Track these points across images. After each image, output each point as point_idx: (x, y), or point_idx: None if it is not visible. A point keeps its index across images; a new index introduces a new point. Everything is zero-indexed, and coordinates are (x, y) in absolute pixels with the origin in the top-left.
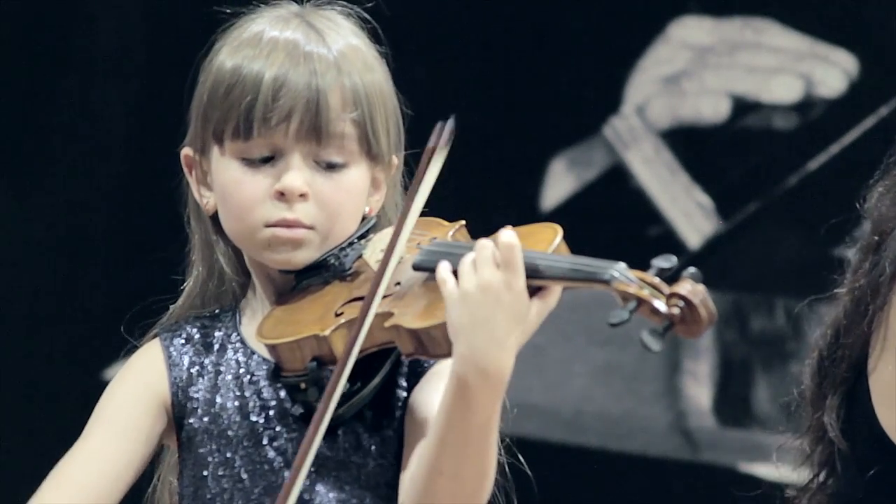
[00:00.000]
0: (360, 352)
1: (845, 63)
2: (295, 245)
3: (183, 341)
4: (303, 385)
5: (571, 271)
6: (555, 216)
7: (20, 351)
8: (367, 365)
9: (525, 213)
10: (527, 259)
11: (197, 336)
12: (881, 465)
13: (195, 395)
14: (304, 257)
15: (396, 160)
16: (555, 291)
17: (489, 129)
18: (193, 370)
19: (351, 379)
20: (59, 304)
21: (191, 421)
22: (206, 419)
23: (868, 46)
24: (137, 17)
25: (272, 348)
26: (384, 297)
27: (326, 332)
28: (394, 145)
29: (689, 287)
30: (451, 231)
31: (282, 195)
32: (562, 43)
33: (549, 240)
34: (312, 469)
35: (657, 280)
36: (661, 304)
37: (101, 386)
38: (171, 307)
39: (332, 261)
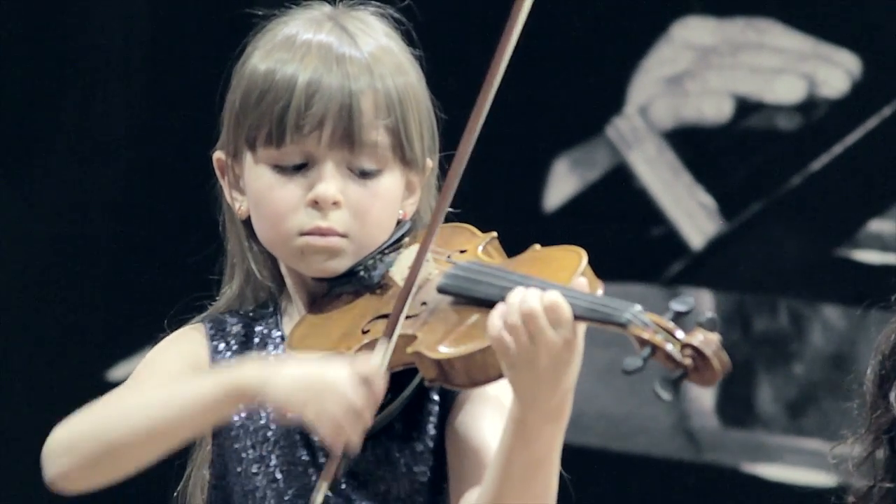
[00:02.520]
0: (388, 369)
1: (848, 63)
2: (329, 253)
3: (224, 333)
4: None
5: (588, 311)
6: (557, 216)
7: (24, 351)
8: (396, 376)
9: (528, 213)
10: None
11: (237, 329)
12: None
13: None
14: (338, 265)
15: (431, 163)
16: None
17: (492, 129)
18: (233, 362)
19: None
20: (63, 304)
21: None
22: (243, 414)
23: (871, 47)
24: (142, 18)
25: None
26: (410, 317)
27: (352, 351)
28: (428, 149)
29: (702, 337)
30: (481, 245)
31: (315, 203)
32: (564, 43)
33: (572, 268)
34: (342, 481)
35: (672, 325)
36: (675, 353)
37: (106, 386)
38: (210, 307)
39: (362, 272)
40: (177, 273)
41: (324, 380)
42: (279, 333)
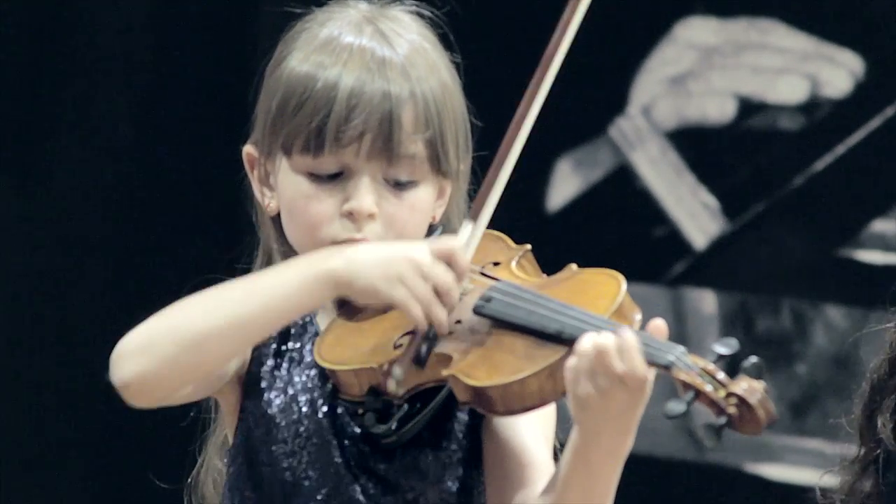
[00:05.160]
0: (418, 385)
1: (851, 64)
2: None
3: None
4: (360, 410)
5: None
6: (561, 217)
7: (27, 350)
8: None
9: (531, 213)
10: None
11: None
12: None
13: (269, 377)
14: None
15: (463, 166)
16: None
17: (495, 129)
18: (271, 348)
19: (409, 401)
20: (67, 304)
21: (261, 402)
22: (275, 403)
23: (874, 47)
24: (143, 18)
25: (331, 373)
26: (445, 335)
27: (385, 368)
28: (461, 154)
29: (746, 386)
30: (514, 259)
31: (350, 215)
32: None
33: (611, 295)
34: (370, 487)
35: (715, 369)
36: (721, 399)
37: (109, 387)
38: None
39: None
40: (181, 272)
41: (408, 256)
42: (314, 326)
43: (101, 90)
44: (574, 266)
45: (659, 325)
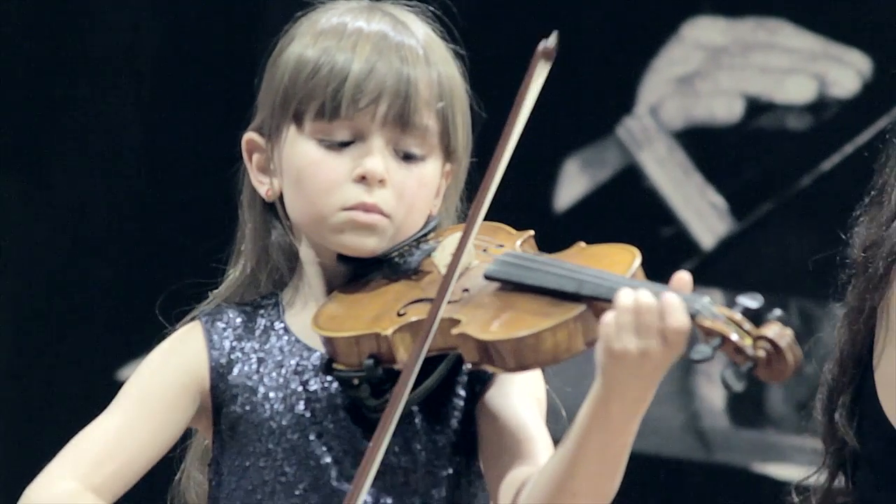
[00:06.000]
0: (427, 353)
1: (859, 63)
2: (370, 230)
3: (224, 325)
4: (356, 381)
5: None
6: (568, 216)
7: (34, 351)
8: (422, 366)
9: (538, 213)
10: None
11: (238, 321)
12: (893, 462)
13: (236, 382)
14: (374, 244)
15: (464, 157)
16: None
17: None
18: (234, 355)
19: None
20: (74, 304)
21: (232, 408)
22: (247, 407)
23: (882, 47)
24: (150, 18)
25: (328, 340)
26: (451, 302)
27: (389, 332)
28: (465, 143)
29: (778, 330)
30: (519, 240)
31: (363, 179)
32: (575, 43)
33: (626, 263)
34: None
35: (741, 318)
36: (748, 346)
37: (116, 386)
38: (211, 294)
39: (396, 258)
40: (190, 272)
41: None
42: (282, 325)
43: (108, 90)
44: (583, 243)
45: (683, 276)
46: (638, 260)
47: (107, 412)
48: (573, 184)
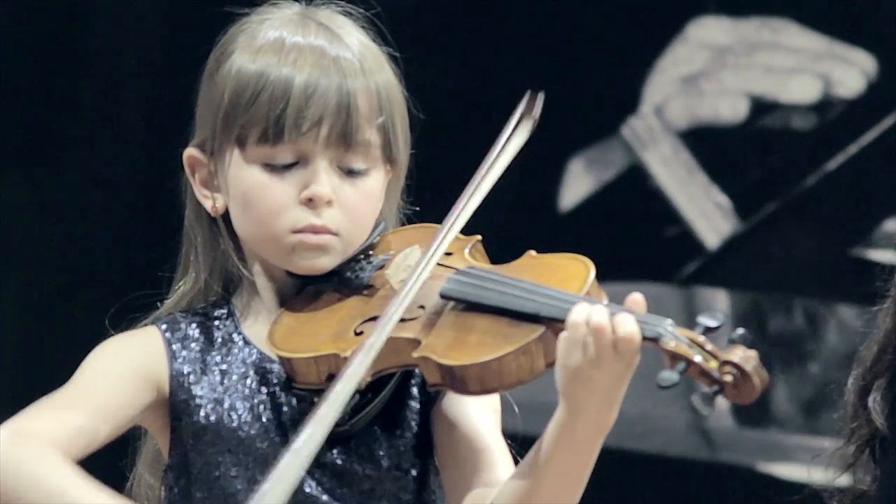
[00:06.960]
0: (379, 371)
1: (864, 63)
2: (321, 251)
3: (182, 335)
4: (316, 399)
5: None
6: (573, 216)
7: (39, 350)
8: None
9: (543, 213)
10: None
11: (196, 333)
12: None
13: (200, 393)
14: (327, 263)
15: (405, 158)
16: None
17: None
18: (196, 367)
19: (362, 391)
20: (79, 304)
21: (195, 419)
22: (212, 418)
23: (887, 46)
24: (157, 18)
25: (286, 361)
26: (407, 320)
27: (348, 353)
28: (405, 146)
29: (742, 354)
30: (467, 248)
31: (310, 201)
32: (580, 43)
33: (581, 277)
34: (325, 480)
35: (704, 340)
36: (713, 369)
37: None
38: (161, 306)
39: (349, 273)
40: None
41: None
42: (240, 336)
43: (115, 87)
44: (533, 252)
45: (637, 298)
46: (592, 272)
47: (59, 402)
48: (578, 183)
